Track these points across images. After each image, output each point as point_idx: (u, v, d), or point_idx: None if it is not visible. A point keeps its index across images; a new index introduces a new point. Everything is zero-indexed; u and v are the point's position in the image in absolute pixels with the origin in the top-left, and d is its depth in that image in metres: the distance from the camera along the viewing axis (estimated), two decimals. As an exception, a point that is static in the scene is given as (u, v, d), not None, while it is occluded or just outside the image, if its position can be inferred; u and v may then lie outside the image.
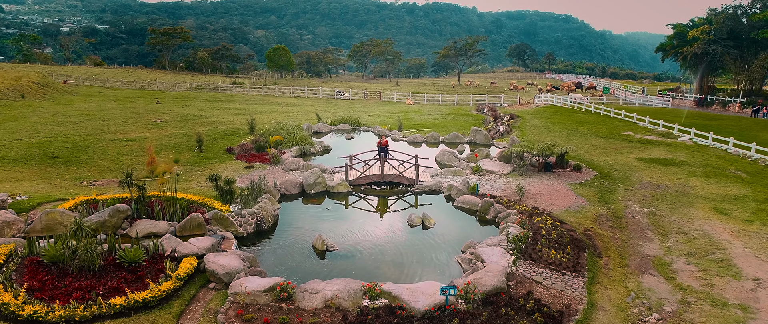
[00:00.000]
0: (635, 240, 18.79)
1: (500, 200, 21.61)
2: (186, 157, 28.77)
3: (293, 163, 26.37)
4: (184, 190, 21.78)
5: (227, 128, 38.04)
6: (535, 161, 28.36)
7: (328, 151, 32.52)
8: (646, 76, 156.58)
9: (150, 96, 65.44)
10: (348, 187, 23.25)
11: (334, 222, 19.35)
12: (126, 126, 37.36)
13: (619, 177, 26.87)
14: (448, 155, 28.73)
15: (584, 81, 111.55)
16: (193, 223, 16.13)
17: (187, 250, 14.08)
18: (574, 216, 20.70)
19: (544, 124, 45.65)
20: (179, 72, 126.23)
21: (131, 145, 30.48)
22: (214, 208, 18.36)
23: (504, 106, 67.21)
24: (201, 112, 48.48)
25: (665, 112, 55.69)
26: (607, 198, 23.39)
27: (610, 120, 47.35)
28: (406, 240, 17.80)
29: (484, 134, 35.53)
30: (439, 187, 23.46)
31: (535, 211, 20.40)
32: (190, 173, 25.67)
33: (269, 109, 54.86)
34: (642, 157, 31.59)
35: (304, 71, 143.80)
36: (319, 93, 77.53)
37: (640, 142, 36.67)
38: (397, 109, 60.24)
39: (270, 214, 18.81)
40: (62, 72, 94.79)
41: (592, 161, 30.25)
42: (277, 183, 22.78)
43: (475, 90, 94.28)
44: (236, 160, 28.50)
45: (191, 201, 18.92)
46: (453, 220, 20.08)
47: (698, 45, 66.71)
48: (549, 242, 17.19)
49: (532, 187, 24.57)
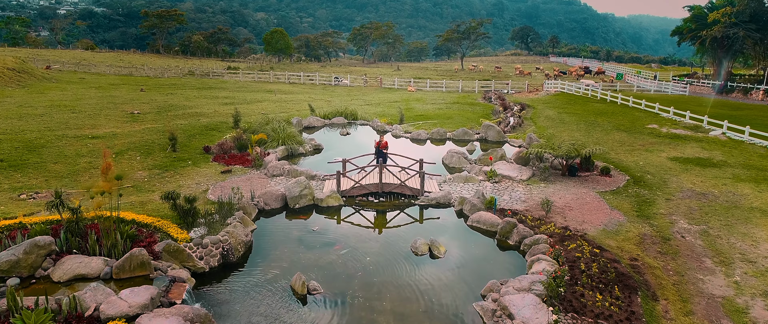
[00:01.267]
0: (693, 272, 15.16)
1: (523, 217, 17.91)
2: (156, 158, 25.02)
3: (277, 168, 22.60)
4: (141, 205, 18.09)
5: (210, 121, 34.20)
6: (558, 164, 24.64)
7: (320, 151, 28.47)
8: (652, 60, 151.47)
9: (136, 83, 61.44)
10: (340, 199, 19.43)
11: (320, 251, 15.66)
12: (97, 119, 33.53)
13: (655, 183, 23.16)
14: (457, 157, 24.79)
15: (591, 66, 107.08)
16: (134, 261, 12.44)
17: (114, 310, 10.36)
18: (613, 238, 17.04)
19: (558, 115, 41.77)
20: (173, 56, 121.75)
21: (95, 143, 26.69)
22: (170, 234, 14.67)
23: (512, 93, 63.19)
24: (185, 101, 44.56)
25: (685, 100, 51.72)
26: (647, 211, 19.71)
27: (630, 110, 43.41)
28: (410, 276, 14.16)
29: (497, 130, 31.24)
30: (448, 199, 19.67)
31: (567, 233, 16.73)
32: (156, 180, 21.93)
33: (261, 97, 50.91)
34: (675, 157, 27.85)
35: (303, 55, 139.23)
36: (316, 79, 73.37)
37: (667, 137, 32.86)
38: (398, 96, 56.26)
39: (241, 240, 15.12)
40: (49, 56, 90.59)
41: (620, 162, 26.52)
42: (255, 195, 19.06)
43: (480, 75, 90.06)
44: (213, 162, 24.78)
45: (142, 224, 15.22)
46: (467, 245, 16.39)
47: (719, 28, 62.42)
48: (591, 280, 13.64)
49: (558, 197, 20.86)
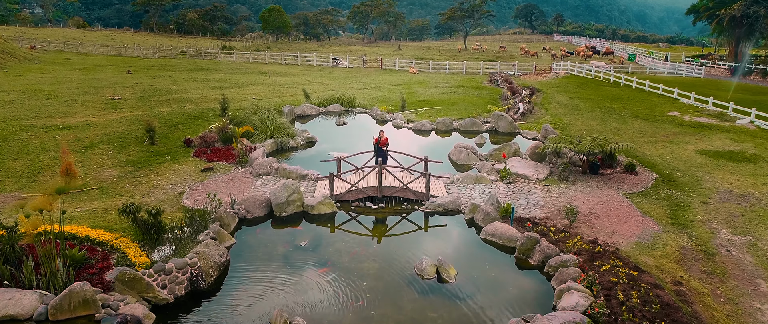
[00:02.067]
0: (748, 299, 12.80)
1: (545, 229, 15.46)
2: (131, 153, 22.51)
3: (264, 165, 20.10)
4: (104, 214, 15.64)
5: (195, 109, 31.61)
6: (578, 159, 22.13)
7: (313, 144, 25.75)
8: (658, 39, 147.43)
9: (124, 64, 58.56)
10: (333, 206, 16.93)
11: (307, 274, 13.26)
12: (73, 106, 30.93)
13: (687, 182, 20.68)
14: (465, 152, 22.16)
15: (598, 45, 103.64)
16: (75, 299, 10.06)
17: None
18: (649, 254, 14.65)
19: (571, 100, 39.12)
20: (167, 35, 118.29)
21: (65, 135, 24.16)
22: (127, 256, 12.25)
23: (518, 75, 60.35)
24: (173, 85, 41.85)
25: (701, 83, 48.92)
26: (682, 218, 17.29)
27: (647, 95, 40.71)
28: (416, 309, 11.78)
29: (508, 121, 28.28)
30: (457, 205, 17.16)
31: (597, 250, 14.31)
32: (127, 180, 19.45)
33: (254, 80, 48.15)
34: (704, 150, 25.34)
35: (302, 33, 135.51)
36: (314, 60, 70.41)
37: (691, 127, 30.30)
38: (399, 79, 53.46)
39: (213, 262, 12.71)
40: (37, 35, 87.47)
41: (644, 157, 23.99)
42: (236, 201, 16.61)
43: (484, 55, 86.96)
44: (193, 157, 22.27)
45: (97, 242, 12.77)
46: (481, 265, 13.95)
47: (738, 6, 59.33)
48: (632, 316, 11.35)
49: (581, 201, 18.40)
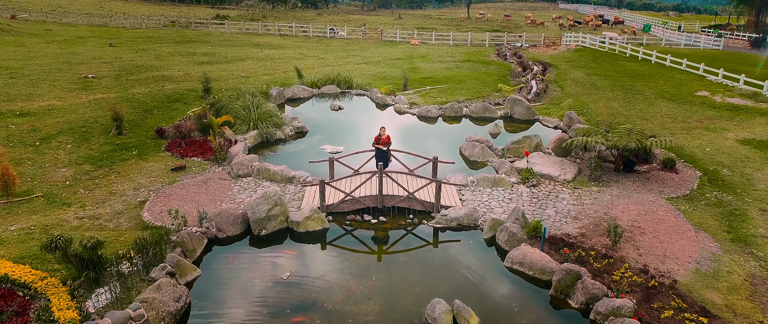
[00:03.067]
0: None
1: (584, 254, 12.57)
2: (93, 146, 19.49)
3: (244, 165, 17.10)
4: (44, 232, 12.73)
5: (176, 89, 28.42)
6: (608, 154, 19.16)
7: (304, 134, 22.38)
8: (665, 7, 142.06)
9: (107, 36, 54.93)
10: (324, 220, 13.99)
11: (291, 317, 10.44)
12: (39, 87, 27.75)
13: (736, 181, 17.76)
14: (480, 148, 19.00)
15: (606, 14, 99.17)
16: (-42, 390, 7.24)
17: None
18: (714, 286, 11.83)
19: (588, 77, 35.84)
20: (160, 3, 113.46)
21: (20, 124, 21.08)
22: (51, 308, 9.40)
23: (526, 47, 56.72)
24: (155, 60, 38.48)
25: (722, 56, 45.46)
26: (741, 231, 14.44)
27: (669, 71, 37.35)
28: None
29: (526, 106, 24.53)
30: (473, 218, 14.16)
31: (652, 285, 11.47)
32: (81, 183, 16.47)
33: (244, 54, 44.69)
34: (746, 139, 22.33)
35: (299, 1, 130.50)
36: (310, 31, 66.56)
37: (725, 109, 27.20)
38: (400, 52, 49.94)
39: (166, 312, 9.85)
40: (21, 3, 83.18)
41: (681, 149, 20.93)
42: (206, 215, 13.67)
43: (489, 25, 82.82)
44: (165, 151, 19.25)
45: (17, 284, 9.91)
46: (508, 308, 11.06)
47: (762, -27, 55.51)
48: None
49: (620, 210, 15.48)
